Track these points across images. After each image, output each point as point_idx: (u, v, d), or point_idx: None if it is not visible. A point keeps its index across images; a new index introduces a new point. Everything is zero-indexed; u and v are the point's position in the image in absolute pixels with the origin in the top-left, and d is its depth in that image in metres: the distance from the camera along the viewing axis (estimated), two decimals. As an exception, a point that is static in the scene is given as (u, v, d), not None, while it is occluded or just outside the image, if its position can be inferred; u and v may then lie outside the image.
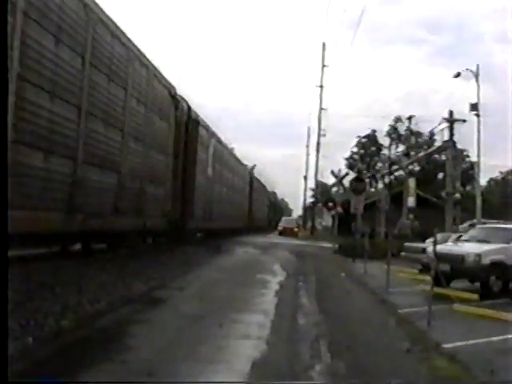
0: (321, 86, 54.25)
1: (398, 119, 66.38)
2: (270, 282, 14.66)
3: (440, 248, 12.34)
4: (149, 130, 18.31)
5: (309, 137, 67.51)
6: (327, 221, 57.93)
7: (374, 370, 6.67)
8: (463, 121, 29.75)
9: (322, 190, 58.80)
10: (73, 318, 8.02)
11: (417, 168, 59.26)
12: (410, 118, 65.28)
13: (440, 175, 55.14)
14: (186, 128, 23.74)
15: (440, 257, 11.84)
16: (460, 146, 34.29)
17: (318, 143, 54.60)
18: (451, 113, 29.84)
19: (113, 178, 15.34)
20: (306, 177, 69.20)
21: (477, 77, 29.76)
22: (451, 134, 29.65)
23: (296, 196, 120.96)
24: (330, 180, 59.82)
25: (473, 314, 10.82)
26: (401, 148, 65.97)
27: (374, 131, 68.22)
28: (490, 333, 8.91)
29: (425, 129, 57.73)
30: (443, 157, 40.49)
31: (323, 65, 54.20)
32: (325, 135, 54.45)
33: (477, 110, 29.45)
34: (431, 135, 51.51)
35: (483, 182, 58.79)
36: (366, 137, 69.25)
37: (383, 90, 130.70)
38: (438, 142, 40.01)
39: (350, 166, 66.06)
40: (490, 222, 23.16)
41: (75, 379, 5.59)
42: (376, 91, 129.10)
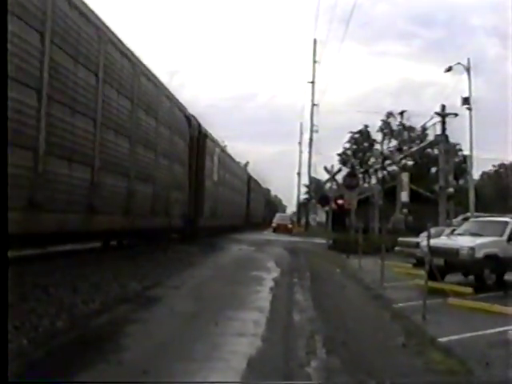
0: (312, 82, 54.44)
1: (390, 114, 66.42)
2: (265, 279, 14.67)
3: (434, 242, 12.39)
4: (172, 147, 23.15)
5: (301, 133, 67.72)
6: (321, 217, 58.01)
7: (369, 365, 6.68)
8: (455, 115, 29.80)
9: (315, 186, 58.81)
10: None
11: (410, 162, 59.32)
12: (402, 113, 65.36)
13: (433, 169, 55.27)
14: (196, 141, 28.01)
15: (434, 251, 11.89)
16: (452, 139, 34.38)
17: (311, 139, 54.78)
18: (443, 107, 29.88)
19: (150, 188, 20.05)
20: (299, 173, 69.40)
21: (468, 71, 29.88)
22: (443, 128, 29.69)
23: (290, 192, 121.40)
24: (324, 176, 59.83)
25: (467, 307, 10.85)
26: (393, 143, 65.99)
27: (367, 126, 68.20)
28: (485, 326, 8.96)
29: (417, 123, 57.89)
30: (436, 151, 40.56)
31: (314, 61, 54.36)
32: (317, 131, 54.64)
33: (469, 103, 29.55)
34: (423, 130, 51.59)
35: (476, 175, 59.02)
36: (359, 132, 69.26)
37: (375, 85, 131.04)
38: (430, 137, 40.12)
39: (343, 162, 66.01)
40: (484, 215, 23.21)
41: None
42: (368, 86, 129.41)
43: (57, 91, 12.06)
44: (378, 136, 68.29)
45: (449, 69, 30.16)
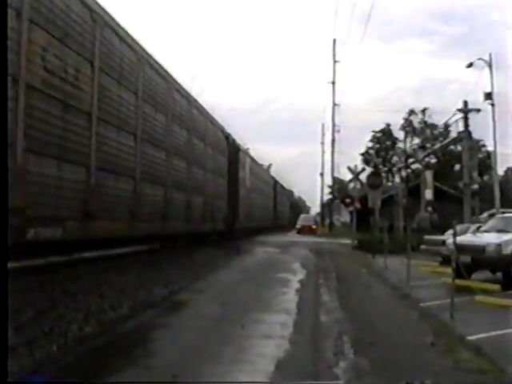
0: (333, 82, 54.30)
1: (411, 112, 65.90)
2: (291, 281, 14.67)
3: (460, 239, 12.23)
4: (216, 164, 27.84)
5: (323, 133, 67.60)
6: (345, 217, 57.81)
7: (398, 365, 6.64)
8: (478, 110, 29.46)
9: (338, 186, 58.63)
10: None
11: (433, 160, 58.83)
12: (423, 111, 64.85)
13: (457, 166, 54.71)
14: (232, 155, 32.35)
15: (460, 248, 11.75)
16: (475, 135, 33.98)
17: (333, 139, 54.60)
18: (466, 103, 29.57)
19: (201, 199, 24.39)
20: (322, 174, 69.25)
21: (490, 66, 29.53)
22: (466, 125, 29.38)
23: (313, 193, 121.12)
24: (347, 176, 59.58)
25: (495, 304, 10.71)
26: (416, 141, 65.42)
27: (389, 125, 67.68)
28: (514, 323, 8.83)
29: (439, 121, 57.40)
30: (459, 148, 40.17)
31: (334, 60, 54.27)
32: (339, 131, 54.49)
33: (491, 99, 29.21)
34: (446, 126, 51.06)
35: (500, 171, 58.16)
36: (381, 131, 68.81)
37: (397, 84, 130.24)
38: (453, 133, 39.76)
39: (366, 161, 65.60)
40: (509, 211, 22.92)
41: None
42: (389, 85, 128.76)
43: (104, 112, 13.52)
44: (401, 134, 67.82)
45: (470, 65, 29.84)
